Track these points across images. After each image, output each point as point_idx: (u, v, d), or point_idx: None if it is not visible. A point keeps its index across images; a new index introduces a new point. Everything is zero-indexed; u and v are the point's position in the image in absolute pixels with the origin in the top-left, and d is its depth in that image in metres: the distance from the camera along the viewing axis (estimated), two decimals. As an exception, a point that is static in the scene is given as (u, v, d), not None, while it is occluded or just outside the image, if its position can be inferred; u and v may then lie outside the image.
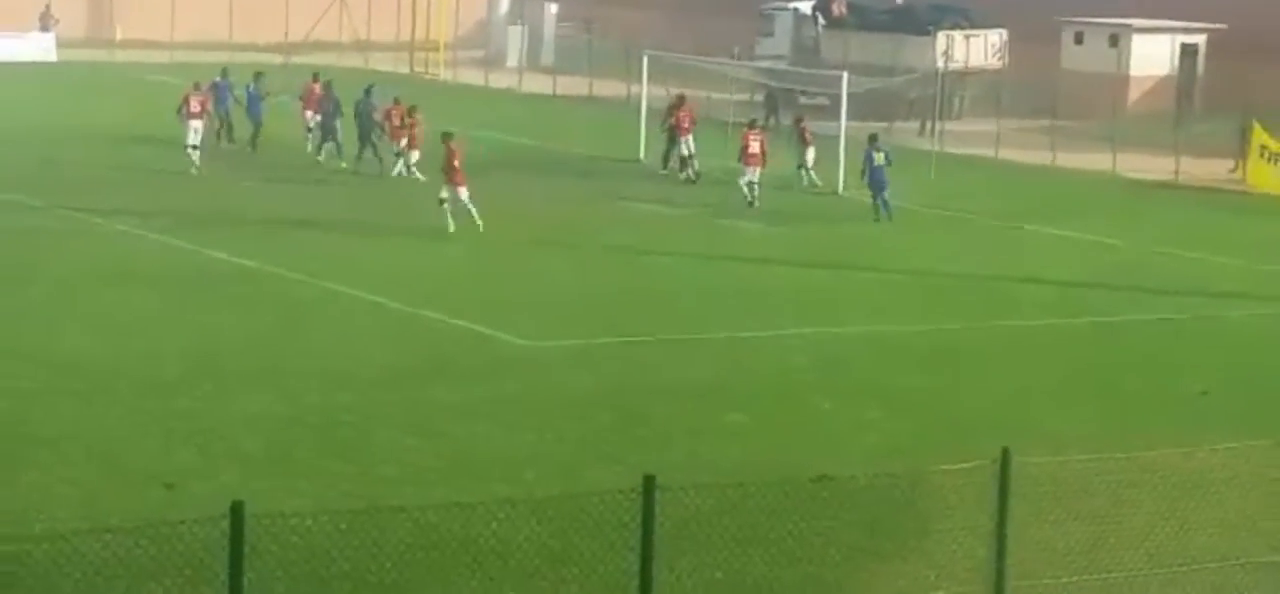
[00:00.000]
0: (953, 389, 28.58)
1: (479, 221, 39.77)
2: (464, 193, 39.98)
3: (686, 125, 51.23)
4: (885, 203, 45.51)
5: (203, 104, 49.38)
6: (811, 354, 30.62)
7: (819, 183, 49.15)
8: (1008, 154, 58.93)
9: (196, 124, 48.62)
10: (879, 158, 45.93)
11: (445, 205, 39.78)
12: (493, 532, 17.37)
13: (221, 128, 52.46)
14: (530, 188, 48.78)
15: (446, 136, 41.48)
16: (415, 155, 47.47)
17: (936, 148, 55.64)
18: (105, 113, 59.45)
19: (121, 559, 15.94)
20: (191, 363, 27.85)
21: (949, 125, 60.21)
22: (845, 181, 49.27)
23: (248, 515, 13.77)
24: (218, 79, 53.12)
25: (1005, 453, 16.31)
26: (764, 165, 46.84)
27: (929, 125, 60.91)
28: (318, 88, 51.87)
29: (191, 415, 24.89)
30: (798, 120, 52.01)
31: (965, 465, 17.07)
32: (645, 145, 54.26)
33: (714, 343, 31.09)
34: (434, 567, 17.34)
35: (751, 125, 48.81)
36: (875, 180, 45.79)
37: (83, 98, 65.34)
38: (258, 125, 52.55)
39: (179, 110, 48.91)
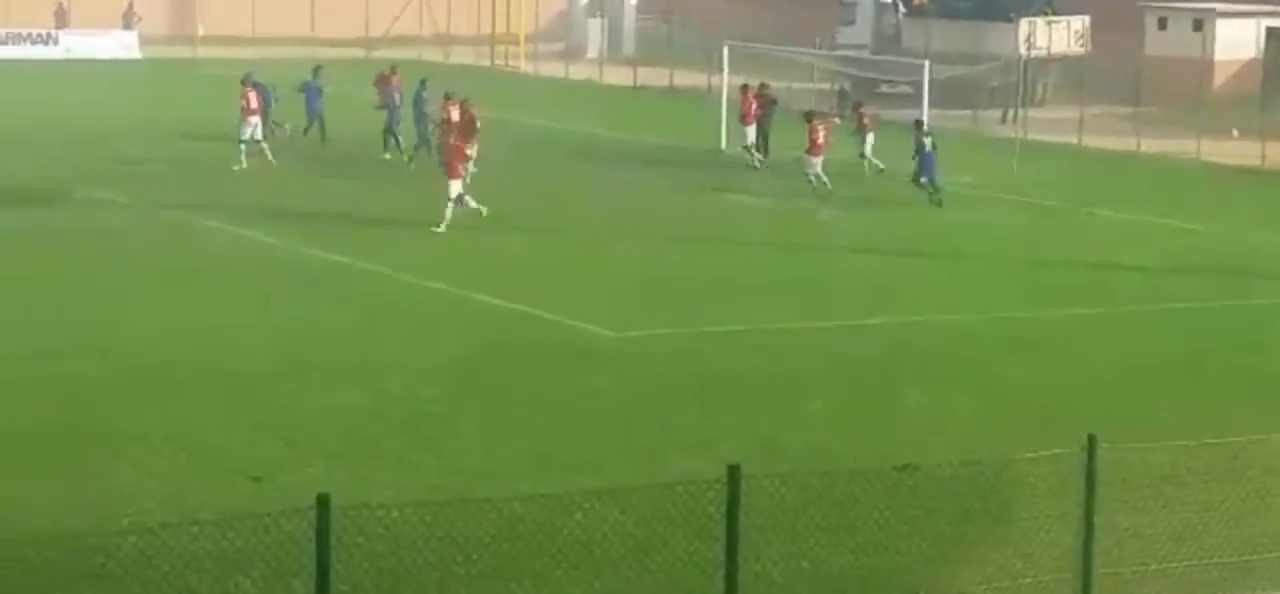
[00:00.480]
0: (1038, 376, 28.45)
1: (443, 226, 39.13)
2: (456, 187, 39.64)
3: (751, 114, 51.48)
4: (935, 187, 45.62)
5: (261, 101, 49.36)
6: (894, 343, 30.55)
7: (882, 167, 48.99)
8: (1091, 141, 58.62)
9: (255, 119, 48.76)
10: (928, 142, 46.20)
11: (466, 200, 39.49)
12: (577, 523, 17.41)
13: (281, 126, 52.28)
14: (611, 179, 48.87)
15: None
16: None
17: (1019, 135, 55.41)
18: (188, 109, 59.86)
19: (210, 552, 16.09)
20: (277, 356, 28.04)
21: (1032, 112, 59.94)
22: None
23: (334, 508, 13.84)
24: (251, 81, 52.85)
25: (1092, 440, 16.23)
26: (825, 153, 46.97)
27: (1012, 113, 60.65)
28: (393, 80, 52.12)
29: (278, 409, 25.05)
30: (857, 106, 52.03)
31: (1051, 453, 17.00)
32: (726, 135, 54.24)
33: (796, 332, 31.05)
34: (519, 558, 17.38)
35: (811, 115, 48.84)
36: (926, 166, 45.99)
37: (166, 95, 65.83)
38: (315, 118, 52.56)
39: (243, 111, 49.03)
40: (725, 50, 56.97)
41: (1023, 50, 62.59)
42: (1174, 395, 27.26)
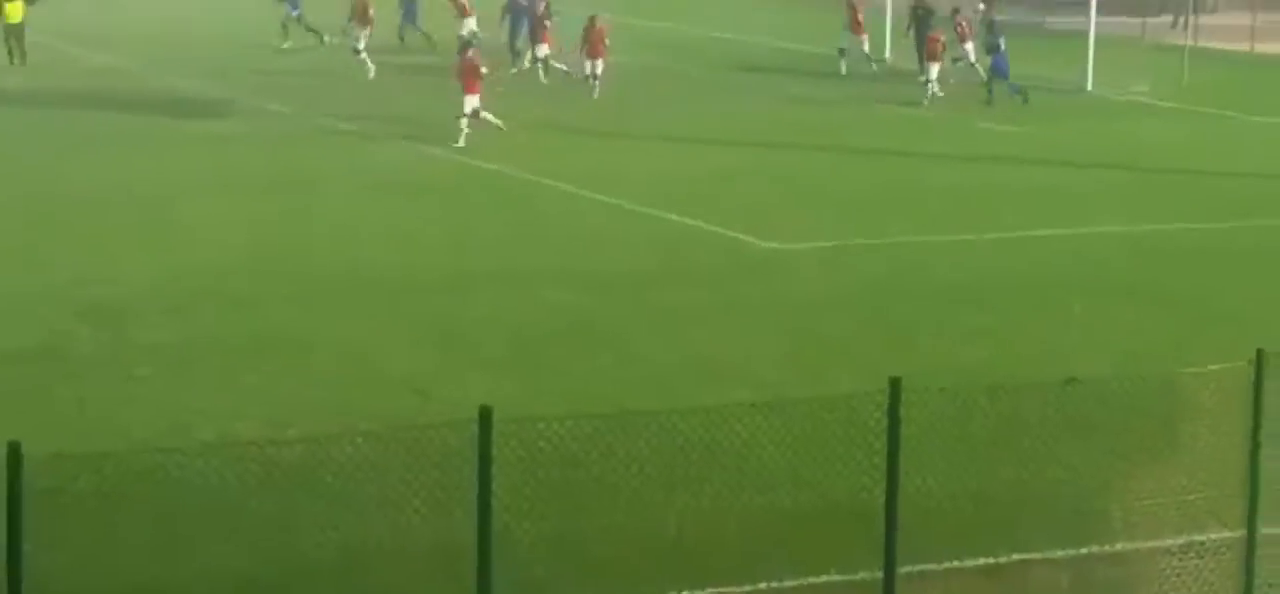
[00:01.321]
0: (1207, 289, 28.04)
1: (500, 123, 38.84)
2: (473, 101, 38.86)
3: (859, 26, 51.65)
4: (1015, 88, 45.65)
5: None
6: (1060, 254, 30.21)
7: (982, 74, 48.23)
8: (1264, 47, 57.52)
9: (368, 28, 48.56)
10: (1001, 44, 46.39)
11: (464, 121, 38.69)
12: (736, 434, 17.37)
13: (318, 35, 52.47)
14: (772, 89, 48.61)
15: (465, 45, 41.42)
16: (543, 50, 47.51)
17: (1190, 42, 54.48)
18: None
19: (372, 462, 16.20)
20: (437, 267, 28.19)
21: (1203, 19, 58.89)
22: (1093, 77, 48.56)
23: (496, 421, 13.88)
24: None
25: (1260, 354, 15.95)
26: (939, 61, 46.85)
27: (1182, 19, 59.62)
28: None
29: (439, 320, 25.19)
30: (954, 11, 51.24)
31: (1220, 366, 16.72)
32: (889, 44, 53.81)
33: (960, 244, 30.78)
34: (679, 470, 17.37)
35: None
36: (998, 67, 46.07)
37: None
38: (412, 24, 52.59)
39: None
40: (890, -42, 56.47)
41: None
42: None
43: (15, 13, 49.37)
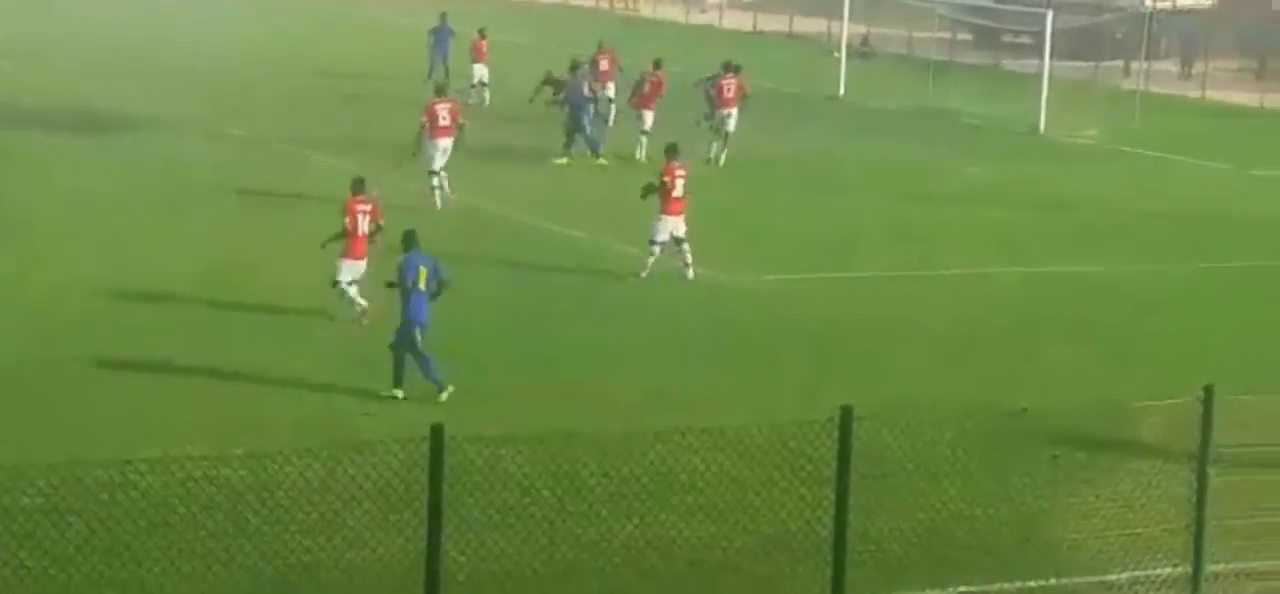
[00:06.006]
0: (1156, 329, 28.17)
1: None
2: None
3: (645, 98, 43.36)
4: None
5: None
6: (1010, 292, 30.33)
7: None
8: (1214, 95, 57.88)
9: None
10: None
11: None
12: (687, 464, 17.37)
13: None
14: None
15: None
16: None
17: (1141, 88, 54.79)
18: (313, 46, 60.12)
19: (322, 481, 16.14)
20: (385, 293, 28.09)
21: (1155, 65, 59.29)
22: (1046, 121, 48.83)
23: (445, 440, 13.83)
24: None
25: (1209, 390, 16.03)
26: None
27: (1134, 65, 60.01)
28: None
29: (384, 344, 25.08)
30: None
31: (1167, 402, 16.80)
32: (844, 83, 53.99)
33: (911, 280, 30.87)
34: (625, 499, 17.34)
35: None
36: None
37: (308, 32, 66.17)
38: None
39: None
40: (845, -5, 56.71)
41: (1148, 2, 61.92)
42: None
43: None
